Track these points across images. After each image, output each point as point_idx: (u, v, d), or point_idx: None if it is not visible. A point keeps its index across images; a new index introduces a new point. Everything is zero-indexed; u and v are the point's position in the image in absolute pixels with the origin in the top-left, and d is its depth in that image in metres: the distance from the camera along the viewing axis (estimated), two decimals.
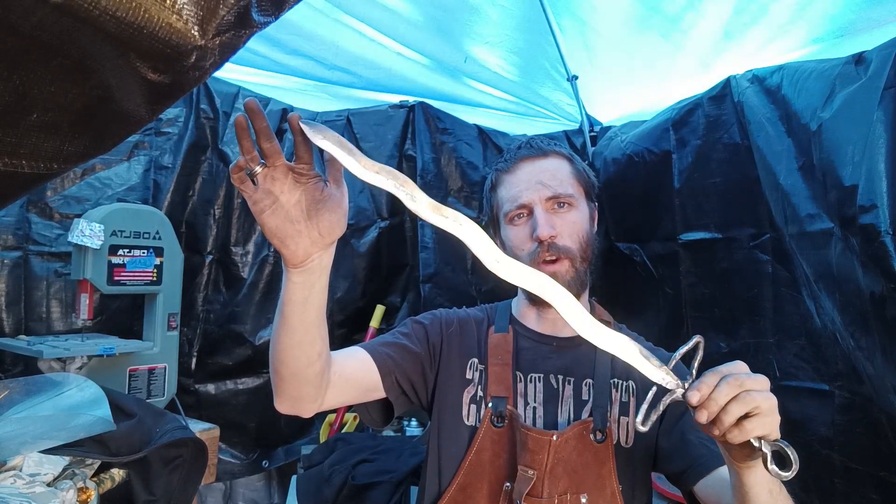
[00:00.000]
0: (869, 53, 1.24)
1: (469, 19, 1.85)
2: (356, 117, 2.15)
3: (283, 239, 0.75)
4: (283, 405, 0.92)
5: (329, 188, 0.77)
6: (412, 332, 1.11)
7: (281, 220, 0.74)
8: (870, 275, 1.17)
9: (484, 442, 1.02)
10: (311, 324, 0.82)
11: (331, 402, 0.96)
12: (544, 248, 1.02)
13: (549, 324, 1.11)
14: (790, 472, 0.65)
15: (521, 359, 1.08)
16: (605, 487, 0.98)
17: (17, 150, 0.44)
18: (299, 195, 0.75)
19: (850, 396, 1.31)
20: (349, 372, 0.98)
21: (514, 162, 1.10)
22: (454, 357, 1.10)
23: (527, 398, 1.05)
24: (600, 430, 0.99)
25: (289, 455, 2.12)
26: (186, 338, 1.89)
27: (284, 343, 0.84)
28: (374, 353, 1.02)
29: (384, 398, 1.05)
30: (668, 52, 1.79)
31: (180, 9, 0.40)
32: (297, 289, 0.79)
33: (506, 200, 1.09)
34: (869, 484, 1.27)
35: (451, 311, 1.18)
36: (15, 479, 1.00)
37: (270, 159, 0.73)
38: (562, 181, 1.07)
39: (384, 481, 1.57)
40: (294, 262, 0.77)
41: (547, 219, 1.03)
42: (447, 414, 1.07)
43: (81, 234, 1.44)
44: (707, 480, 0.92)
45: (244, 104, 0.71)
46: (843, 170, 1.23)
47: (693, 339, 0.70)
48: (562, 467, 0.96)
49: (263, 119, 0.71)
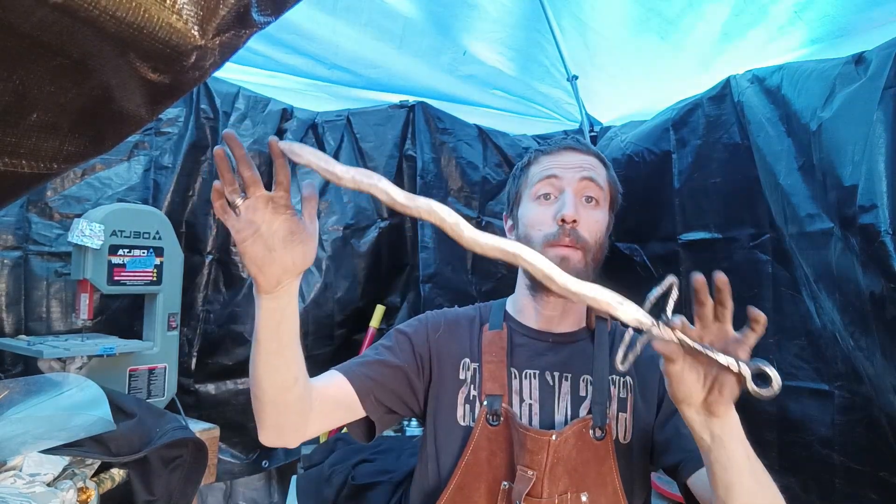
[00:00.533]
0: (869, 53, 1.24)
1: (469, 15, 1.86)
2: (356, 117, 2.15)
3: (261, 266, 0.79)
4: (268, 436, 0.93)
5: (303, 221, 0.81)
6: (395, 345, 1.10)
7: (261, 248, 0.78)
8: (870, 275, 1.17)
9: (480, 441, 1.00)
10: (285, 347, 0.86)
11: (315, 429, 0.98)
12: (565, 232, 1.01)
13: (545, 320, 1.10)
14: (772, 388, 0.66)
15: (515, 355, 1.07)
16: (607, 485, 0.97)
17: (17, 150, 0.44)
18: (278, 225, 0.79)
19: (851, 396, 1.31)
20: (328, 397, 0.99)
21: (557, 148, 1.11)
22: (445, 360, 1.09)
23: (522, 395, 1.04)
24: (600, 428, 0.98)
25: (289, 455, 2.12)
26: (186, 338, 1.89)
27: (262, 370, 0.87)
28: (350, 375, 1.02)
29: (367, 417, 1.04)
30: (667, 53, 1.79)
31: (180, 9, 0.40)
32: (270, 314, 0.83)
33: (537, 174, 1.09)
34: (869, 484, 1.27)
35: (438, 314, 1.17)
36: (15, 479, 1.00)
37: (251, 188, 0.78)
38: (598, 176, 1.08)
39: (384, 481, 1.57)
40: (267, 288, 0.81)
41: (575, 203, 1.03)
42: (442, 417, 1.06)
43: (81, 234, 1.44)
44: (701, 473, 0.91)
45: (223, 135, 0.75)
46: (843, 170, 1.23)
47: (666, 280, 0.71)
48: (561, 467, 0.95)
49: (242, 147, 0.76)
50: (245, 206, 0.78)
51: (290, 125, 2.04)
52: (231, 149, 0.75)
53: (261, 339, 0.85)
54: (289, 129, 2.03)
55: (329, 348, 2.07)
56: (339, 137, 2.11)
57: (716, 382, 0.69)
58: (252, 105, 1.98)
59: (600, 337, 1.09)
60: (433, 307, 2.04)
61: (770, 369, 0.66)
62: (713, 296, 0.70)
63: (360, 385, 1.01)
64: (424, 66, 2.07)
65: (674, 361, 0.69)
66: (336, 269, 2.06)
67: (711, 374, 0.70)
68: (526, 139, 2.31)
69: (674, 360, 0.69)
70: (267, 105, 2.01)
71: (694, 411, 0.73)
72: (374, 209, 2.16)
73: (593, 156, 1.11)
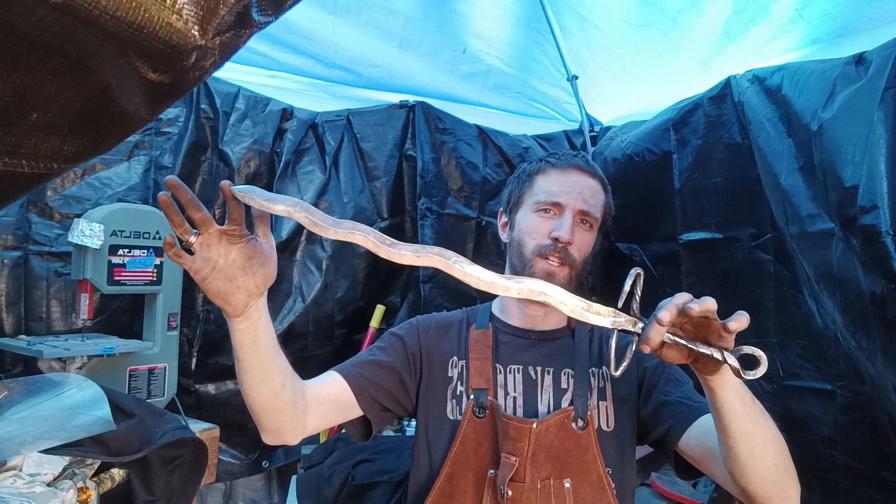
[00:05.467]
0: (869, 54, 1.24)
1: (469, 12, 1.85)
2: (356, 117, 2.15)
3: (225, 298, 0.81)
4: (269, 438, 1.00)
5: (259, 243, 0.83)
6: (388, 346, 1.16)
7: (222, 281, 0.81)
8: (870, 275, 1.17)
9: (467, 432, 1.06)
10: (266, 360, 0.89)
11: (313, 427, 1.02)
12: (556, 249, 1.08)
13: (529, 318, 1.16)
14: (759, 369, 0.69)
15: (500, 352, 1.13)
16: (591, 472, 1.02)
17: (17, 150, 0.44)
18: (234, 255, 0.82)
19: (852, 396, 1.31)
20: (325, 395, 1.04)
21: (567, 164, 1.15)
22: (435, 359, 1.15)
23: (506, 389, 1.10)
24: (581, 418, 1.04)
25: (289, 455, 2.12)
26: (186, 338, 1.89)
27: (248, 384, 0.90)
28: (346, 374, 1.07)
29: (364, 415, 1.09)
30: (668, 53, 1.79)
31: (180, 9, 0.40)
32: (245, 334, 0.86)
33: (544, 191, 1.14)
34: (871, 483, 1.27)
35: (428, 318, 1.23)
36: (15, 479, 1.00)
37: (203, 227, 0.80)
38: (596, 204, 1.14)
39: (384, 481, 1.57)
40: (236, 314, 0.83)
41: (572, 227, 1.09)
42: (432, 413, 1.12)
43: (81, 234, 1.44)
44: (690, 432, 0.96)
45: (165, 181, 0.76)
46: (844, 170, 1.23)
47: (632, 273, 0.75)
48: (543, 454, 1.00)
49: (187, 191, 0.77)
50: (199, 244, 0.80)
51: (290, 125, 2.04)
52: (177, 196, 0.77)
53: (240, 357, 0.88)
54: (289, 129, 2.03)
55: (329, 348, 2.07)
56: (339, 137, 2.11)
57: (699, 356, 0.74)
58: (252, 105, 1.97)
59: (580, 333, 1.15)
60: (433, 307, 2.05)
61: (755, 351, 0.69)
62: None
63: (356, 383, 1.07)
64: (424, 64, 2.07)
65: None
66: (336, 269, 2.06)
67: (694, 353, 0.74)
68: (526, 139, 2.31)
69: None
70: (267, 105, 2.01)
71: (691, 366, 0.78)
72: (373, 209, 2.16)
73: (597, 180, 1.16)
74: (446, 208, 2.11)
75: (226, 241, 0.81)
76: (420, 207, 2.06)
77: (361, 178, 2.13)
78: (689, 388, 1.04)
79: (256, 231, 0.84)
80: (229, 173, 1.93)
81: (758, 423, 0.81)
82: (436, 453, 1.09)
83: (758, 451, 0.81)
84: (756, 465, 0.81)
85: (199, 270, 0.80)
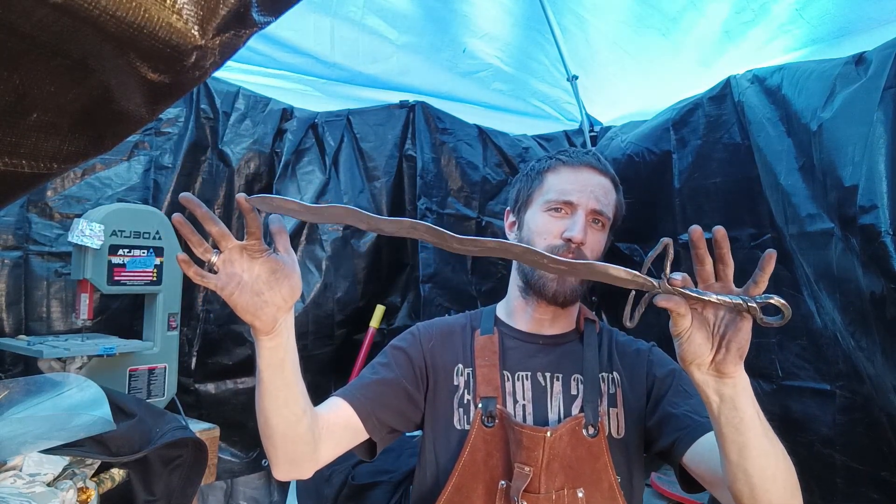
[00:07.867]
0: (869, 53, 1.24)
1: (469, 12, 1.85)
2: (356, 117, 2.15)
3: (254, 313, 0.80)
4: (282, 471, 0.96)
5: (280, 256, 0.82)
6: (391, 361, 1.12)
7: (249, 296, 0.79)
8: (870, 275, 1.17)
9: (476, 442, 1.03)
10: (291, 382, 0.87)
11: (326, 456, 0.99)
12: (569, 250, 1.05)
13: (536, 322, 1.13)
14: (783, 315, 0.70)
15: (507, 358, 1.10)
16: (602, 481, 0.99)
17: (17, 150, 0.44)
18: (258, 269, 0.80)
19: (852, 396, 1.31)
20: (333, 422, 1.01)
21: (579, 162, 1.13)
22: (439, 368, 1.11)
23: (515, 396, 1.06)
24: (592, 425, 1.01)
25: None
26: (186, 338, 1.89)
27: (270, 408, 0.88)
28: (351, 399, 1.04)
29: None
30: (668, 53, 1.79)
31: (180, 8, 0.40)
32: (274, 353, 0.84)
33: (555, 190, 1.10)
34: (870, 483, 1.27)
35: (429, 325, 1.19)
36: (15, 479, 1.00)
37: (223, 242, 0.79)
38: (609, 203, 1.12)
39: (384, 481, 1.57)
40: (266, 330, 0.81)
41: (585, 227, 1.07)
42: (439, 423, 1.09)
43: (81, 234, 1.44)
44: (695, 448, 0.93)
45: (179, 199, 0.76)
46: (844, 170, 1.23)
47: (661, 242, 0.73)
48: (557, 463, 0.97)
49: (201, 206, 0.77)
50: (221, 261, 0.79)
51: (290, 125, 2.04)
52: (192, 210, 0.76)
53: (266, 378, 0.86)
54: (289, 129, 2.03)
55: (329, 348, 2.07)
56: (339, 137, 2.11)
57: (723, 340, 0.72)
58: (252, 105, 1.98)
59: (589, 337, 1.11)
60: (433, 307, 2.04)
61: (777, 299, 0.70)
62: (713, 254, 0.72)
63: (362, 408, 1.03)
64: (424, 64, 2.06)
65: (683, 316, 0.71)
66: (336, 269, 2.05)
67: (719, 334, 0.72)
68: (526, 139, 2.31)
69: (682, 314, 0.71)
70: (267, 105, 2.01)
71: (703, 372, 0.74)
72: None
73: (609, 178, 1.14)
74: (446, 208, 2.11)
75: (247, 256, 0.80)
76: (420, 207, 2.06)
77: (361, 178, 2.13)
78: (697, 402, 0.99)
79: (276, 245, 0.83)
80: (229, 173, 1.93)
81: (771, 441, 0.78)
82: (443, 464, 1.06)
83: (769, 473, 0.77)
84: (767, 487, 0.77)
85: (225, 287, 0.79)
